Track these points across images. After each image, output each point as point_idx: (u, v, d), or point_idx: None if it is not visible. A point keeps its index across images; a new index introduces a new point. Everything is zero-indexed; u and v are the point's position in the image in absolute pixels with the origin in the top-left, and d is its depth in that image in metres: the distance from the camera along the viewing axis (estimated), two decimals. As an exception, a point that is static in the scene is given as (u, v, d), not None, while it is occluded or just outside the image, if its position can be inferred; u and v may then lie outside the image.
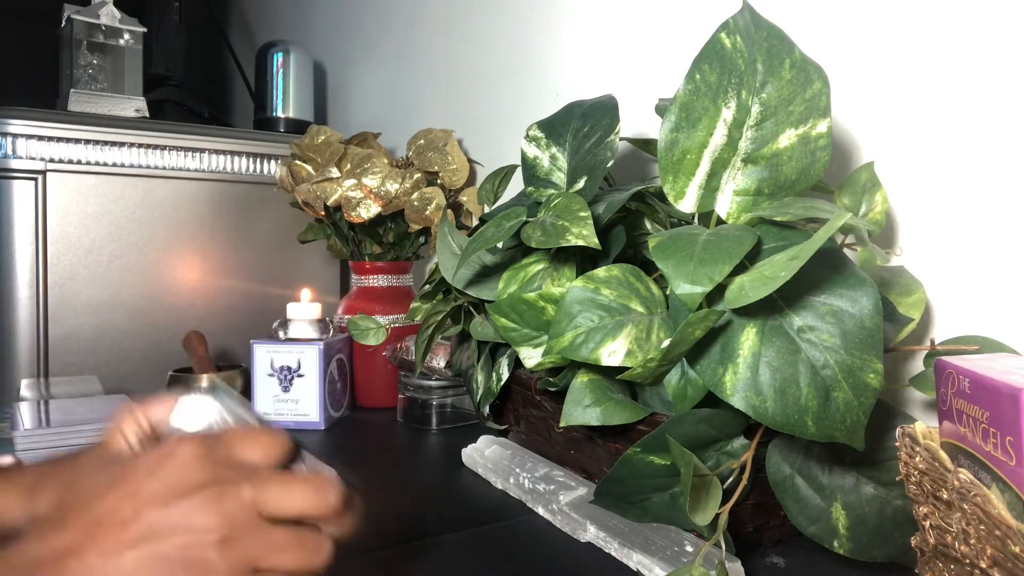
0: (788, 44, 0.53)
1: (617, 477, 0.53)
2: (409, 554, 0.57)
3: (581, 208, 0.58)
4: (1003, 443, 0.37)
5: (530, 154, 0.69)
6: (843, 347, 0.45)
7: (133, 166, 1.24)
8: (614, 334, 0.52)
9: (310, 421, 0.94)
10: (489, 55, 1.18)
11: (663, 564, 0.50)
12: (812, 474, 0.52)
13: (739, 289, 0.45)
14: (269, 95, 1.58)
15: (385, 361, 1.03)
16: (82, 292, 1.20)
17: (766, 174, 0.52)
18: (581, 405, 0.56)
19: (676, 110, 0.53)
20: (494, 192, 0.84)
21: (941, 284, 0.62)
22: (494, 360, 0.75)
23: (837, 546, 0.50)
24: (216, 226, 1.32)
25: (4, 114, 1.14)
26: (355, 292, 1.12)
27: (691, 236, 0.49)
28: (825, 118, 0.52)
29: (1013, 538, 0.34)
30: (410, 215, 1.07)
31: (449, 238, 0.75)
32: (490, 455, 0.75)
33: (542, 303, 0.58)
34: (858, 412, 0.45)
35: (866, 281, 0.47)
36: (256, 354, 0.95)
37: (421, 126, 1.18)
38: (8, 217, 1.15)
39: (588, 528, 0.58)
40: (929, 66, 0.63)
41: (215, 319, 1.32)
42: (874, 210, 0.62)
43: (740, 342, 0.47)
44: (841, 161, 0.69)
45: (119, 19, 1.33)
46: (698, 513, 0.47)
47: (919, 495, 0.43)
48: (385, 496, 0.71)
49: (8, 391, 1.14)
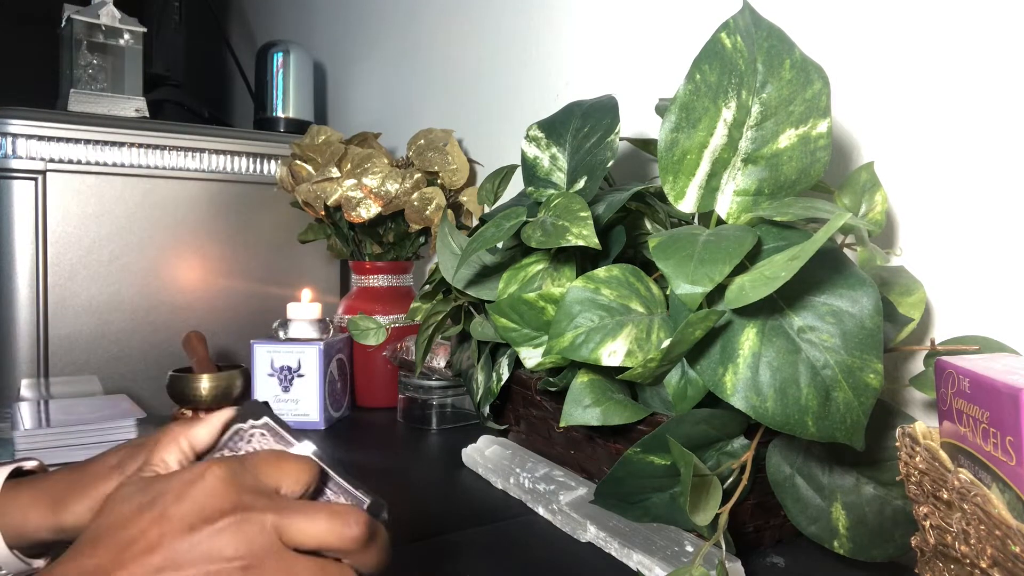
0: (788, 44, 0.53)
1: (617, 477, 0.53)
2: (409, 554, 0.57)
3: (581, 208, 0.58)
4: (1003, 443, 0.37)
5: (530, 154, 0.69)
6: (843, 347, 0.45)
7: (133, 166, 1.24)
8: (614, 334, 0.52)
9: (310, 421, 0.94)
10: (489, 55, 1.18)
11: (663, 564, 0.50)
12: (812, 474, 0.52)
13: (739, 289, 0.45)
14: (269, 95, 1.58)
15: (385, 361, 1.03)
16: (82, 292, 1.20)
17: (766, 174, 0.52)
18: (581, 405, 0.56)
19: (676, 110, 0.53)
20: (494, 192, 0.84)
21: (941, 284, 0.62)
22: (494, 360, 0.75)
23: (837, 546, 0.50)
24: (216, 226, 1.32)
25: (4, 114, 1.14)
26: (355, 292, 1.12)
27: (691, 236, 0.49)
28: (825, 118, 0.52)
29: (1013, 538, 0.34)
30: (410, 215, 1.07)
31: (449, 238, 0.75)
32: (490, 455, 0.75)
33: (542, 303, 0.58)
34: (858, 412, 0.45)
35: (866, 281, 0.47)
36: (256, 354, 0.95)
37: (421, 126, 1.18)
38: (8, 217, 1.15)
39: (588, 528, 0.58)
40: (929, 66, 0.63)
41: (215, 319, 1.32)
42: (874, 210, 0.62)
43: (740, 342, 0.47)
44: (841, 161, 0.69)
45: (119, 19, 1.33)
46: (698, 513, 0.47)
47: (919, 495, 0.43)
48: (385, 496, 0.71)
49: (8, 391, 1.14)
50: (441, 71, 1.31)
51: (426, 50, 1.35)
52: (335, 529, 0.34)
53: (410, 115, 1.40)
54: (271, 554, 0.33)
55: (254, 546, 0.33)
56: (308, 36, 1.80)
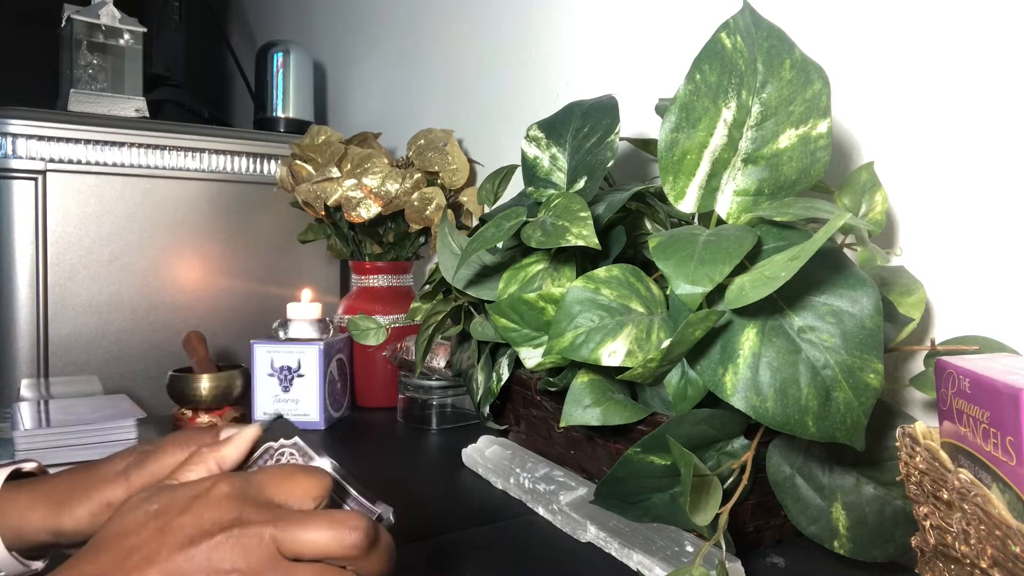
0: (788, 44, 0.53)
1: (617, 477, 0.53)
2: (409, 554, 0.57)
3: (581, 208, 0.58)
4: (1003, 443, 0.37)
5: (530, 154, 0.69)
6: (843, 347, 0.45)
7: (133, 166, 1.24)
8: (614, 334, 0.52)
9: (310, 421, 0.94)
10: (489, 55, 1.18)
11: (663, 564, 0.50)
12: (812, 474, 0.52)
13: (739, 289, 0.45)
14: (269, 95, 1.58)
15: (385, 361, 1.03)
16: (82, 292, 1.20)
17: (766, 174, 0.52)
18: (581, 405, 0.56)
19: (676, 110, 0.53)
20: (494, 192, 0.84)
21: (941, 284, 0.62)
22: (494, 360, 0.75)
23: (837, 546, 0.50)
24: (216, 226, 1.32)
25: (4, 114, 1.14)
26: (355, 292, 1.12)
27: (691, 236, 0.49)
28: (825, 118, 0.52)
29: (1013, 538, 0.34)
30: (410, 215, 1.07)
31: (449, 238, 0.75)
32: (490, 455, 0.75)
33: (542, 303, 0.58)
34: (858, 412, 0.45)
35: (866, 281, 0.47)
36: (256, 354, 0.95)
37: (421, 126, 1.18)
38: (8, 217, 1.15)
39: (588, 528, 0.58)
40: (929, 66, 0.63)
41: (215, 319, 1.32)
42: (874, 210, 0.62)
43: (740, 342, 0.47)
44: (841, 161, 0.69)
45: (119, 19, 1.33)
46: (698, 513, 0.47)
47: (919, 495, 0.43)
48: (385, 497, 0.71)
49: (8, 391, 1.14)
50: (441, 71, 1.31)
51: (426, 50, 1.35)
52: (334, 536, 0.34)
53: (410, 115, 1.40)
54: (269, 566, 0.33)
55: (251, 559, 0.33)
56: (308, 36, 1.80)
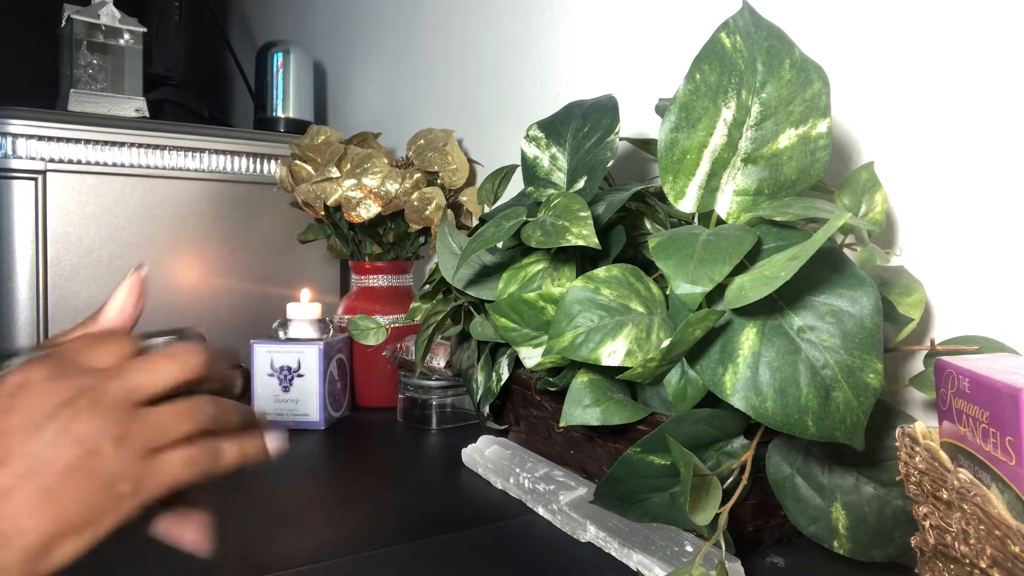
0: (788, 44, 0.53)
1: (617, 477, 0.53)
2: (409, 554, 0.57)
3: (581, 208, 0.58)
4: (1003, 443, 0.37)
5: (530, 154, 0.69)
6: (843, 347, 0.45)
7: (133, 166, 1.24)
8: (614, 334, 0.52)
9: (310, 421, 0.94)
10: (489, 55, 1.18)
11: (663, 564, 0.50)
12: (812, 474, 0.52)
13: (739, 289, 0.45)
14: (269, 95, 1.58)
15: (385, 361, 1.03)
16: (82, 292, 1.20)
17: (766, 174, 0.52)
18: (581, 405, 0.56)
19: (676, 110, 0.53)
20: (494, 192, 0.84)
21: (941, 284, 0.62)
22: (494, 360, 0.75)
23: (837, 546, 0.50)
24: (216, 226, 1.32)
25: (4, 114, 1.14)
26: (355, 292, 1.12)
27: (691, 236, 0.49)
28: (825, 118, 0.52)
29: (1013, 538, 0.34)
30: (410, 215, 1.07)
31: (449, 238, 0.75)
32: (490, 455, 0.75)
33: (542, 303, 0.58)
34: (858, 412, 0.45)
35: (866, 281, 0.47)
36: (256, 354, 0.95)
37: (421, 126, 1.18)
38: (8, 217, 1.15)
39: (588, 528, 0.58)
40: (929, 66, 0.63)
41: (215, 319, 1.32)
42: (874, 210, 0.62)
43: (740, 342, 0.47)
44: (841, 161, 0.69)
45: (119, 19, 1.33)
46: (698, 513, 0.47)
47: (919, 495, 0.43)
48: (385, 496, 0.71)
49: (8, 391, 1.13)
50: (441, 71, 1.31)
51: (426, 50, 1.35)
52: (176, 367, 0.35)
53: (410, 115, 1.40)
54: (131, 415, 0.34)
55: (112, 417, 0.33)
56: (308, 36, 1.80)
